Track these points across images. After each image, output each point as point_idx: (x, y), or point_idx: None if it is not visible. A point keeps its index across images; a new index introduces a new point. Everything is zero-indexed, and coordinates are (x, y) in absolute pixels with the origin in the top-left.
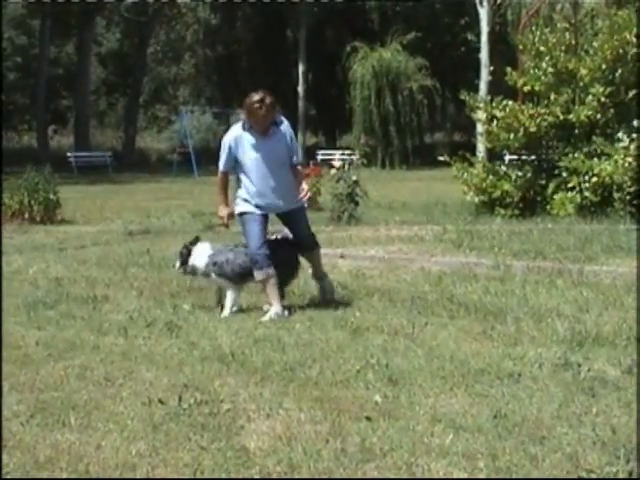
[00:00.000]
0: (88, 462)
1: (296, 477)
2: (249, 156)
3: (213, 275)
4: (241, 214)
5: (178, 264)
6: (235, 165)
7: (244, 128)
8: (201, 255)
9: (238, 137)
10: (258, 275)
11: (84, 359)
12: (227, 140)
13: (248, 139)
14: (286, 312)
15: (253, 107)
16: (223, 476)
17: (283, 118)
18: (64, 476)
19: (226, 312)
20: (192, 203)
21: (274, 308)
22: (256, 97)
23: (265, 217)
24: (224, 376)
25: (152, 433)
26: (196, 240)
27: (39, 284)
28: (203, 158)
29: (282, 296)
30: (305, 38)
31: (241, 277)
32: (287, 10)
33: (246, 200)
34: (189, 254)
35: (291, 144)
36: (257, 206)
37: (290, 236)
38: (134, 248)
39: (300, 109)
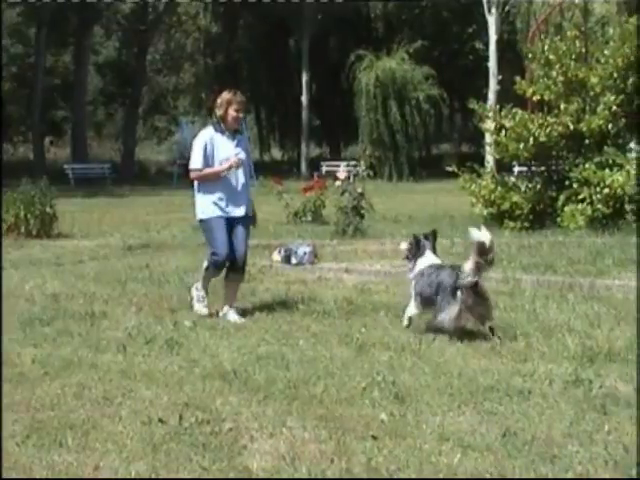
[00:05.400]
0: None
1: None
2: (222, 156)
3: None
4: (207, 220)
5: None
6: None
7: (216, 130)
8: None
9: (212, 137)
10: (211, 271)
11: (81, 377)
12: (202, 139)
13: (220, 140)
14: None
15: (230, 96)
16: None
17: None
18: None
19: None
20: (193, 216)
21: (199, 293)
22: (229, 90)
23: (227, 223)
24: (226, 394)
25: (152, 453)
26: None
27: (35, 300)
28: None
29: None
30: (308, 47)
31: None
32: (290, 18)
33: (213, 204)
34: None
35: (249, 157)
36: (222, 209)
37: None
38: (133, 263)
39: (304, 119)
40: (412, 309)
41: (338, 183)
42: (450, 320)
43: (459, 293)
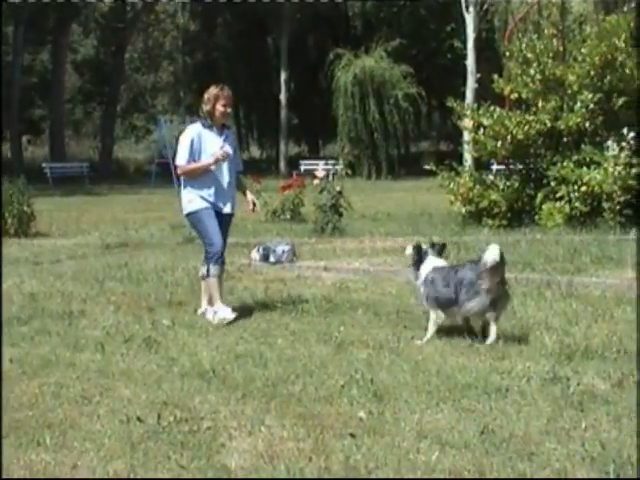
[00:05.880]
0: None
1: None
2: (210, 151)
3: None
4: (196, 212)
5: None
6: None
7: (204, 126)
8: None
9: (200, 133)
10: (214, 270)
11: (59, 376)
12: (189, 135)
13: (208, 135)
14: (229, 309)
15: (218, 91)
16: None
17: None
18: None
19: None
20: (171, 215)
21: (219, 306)
22: (216, 85)
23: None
24: (204, 393)
25: (130, 452)
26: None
27: (13, 299)
28: None
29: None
30: (287, 45)
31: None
32: (268, 16)
33: (201, 197)
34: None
35: (235, 153)
36: (211, 203)
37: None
38: (111, 261)
39: (282, 118)
40: (435, 318)
41: (317, 181)
42: (478, 310)
43: (484, 285)
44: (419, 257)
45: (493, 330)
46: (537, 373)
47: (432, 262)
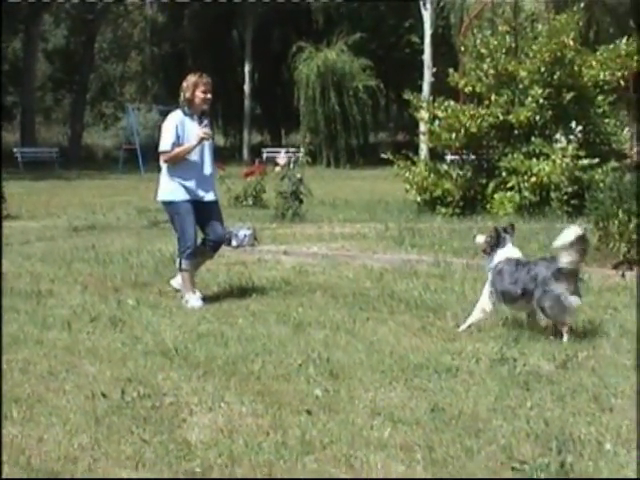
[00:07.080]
0: (30, 455)
1: (237, 469)
2: (191, 140)
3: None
4: (176, 202)
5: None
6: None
7: (185, 113)
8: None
9: (182, 120)
10: (186, 265)
11: (27, 353)
12: (172, 121)
13: (190, 124)
14: (200, 302)
15: (196, 78)
16: (165, 468)
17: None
18: (6, 469)
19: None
20: (138, 199)
21: (190, 296)
22: (194, 73)
23: (194, 207)
24: (167, 370)
25: (94, 426)
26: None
27: None
28: (149, 155)
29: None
30: (251, 37)
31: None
32: (234, 9)
33: (182, 187)
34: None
35: (212, 141)
36: (192, 193)
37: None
38: (79, 244)
39: (246, 108)
40: (486, 305)
41: (278, 169)
42: (560, 310)
43: (561, 282)
44: (497, 241)
45: (565, 331)
46: (486, 354)
47: (508, 251)
